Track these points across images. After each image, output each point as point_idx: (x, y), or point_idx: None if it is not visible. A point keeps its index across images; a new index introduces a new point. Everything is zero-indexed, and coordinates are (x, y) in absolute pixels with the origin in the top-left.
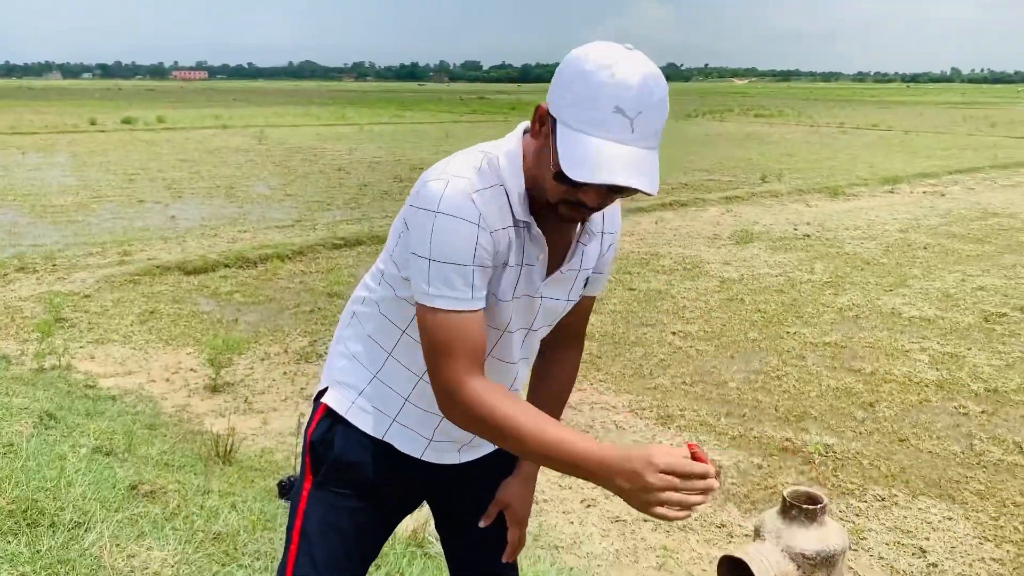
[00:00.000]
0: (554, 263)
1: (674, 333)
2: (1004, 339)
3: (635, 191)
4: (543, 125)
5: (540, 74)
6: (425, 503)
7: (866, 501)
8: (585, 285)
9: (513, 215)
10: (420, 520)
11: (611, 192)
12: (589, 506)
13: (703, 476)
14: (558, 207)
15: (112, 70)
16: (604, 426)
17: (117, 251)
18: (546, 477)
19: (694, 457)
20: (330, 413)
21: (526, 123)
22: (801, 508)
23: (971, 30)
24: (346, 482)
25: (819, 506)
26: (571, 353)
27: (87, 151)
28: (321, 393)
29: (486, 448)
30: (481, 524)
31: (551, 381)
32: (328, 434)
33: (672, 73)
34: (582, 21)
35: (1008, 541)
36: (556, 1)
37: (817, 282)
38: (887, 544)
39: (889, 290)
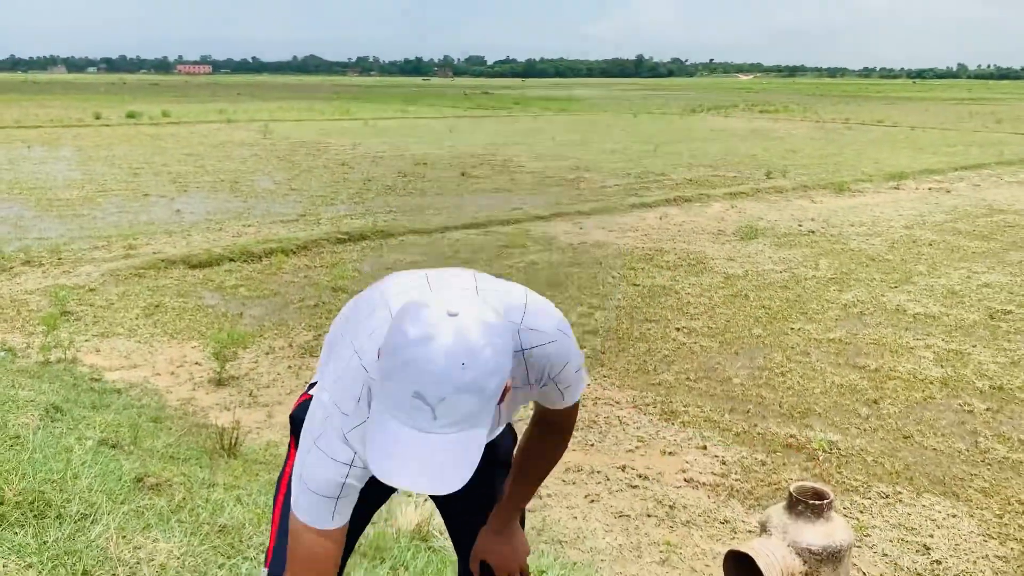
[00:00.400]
0: None
1: (678, 329)
2: (1009, 336)
3: None
4: None
5: (544, 69)
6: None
7: (870, 498)
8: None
9: None
10: (424, 514)
11: None
12: (593, 501)
13: None
14: None
15: (117, 64)
16: (608, 421)
17: (122, 245)
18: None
19: None
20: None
21: None
22: (808, 504)
23: (978, 26)
24: None
25: (826, 502)
26: (553, 437)
27: (92, 145)
28: (311, 385)
29: None
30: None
31: (532, 446)
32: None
33: (677, 68)
34: (587, 15)
35: (1012, 539)
36: None
37: (822, 278)
38: (891, 541)
39: (894, 287)
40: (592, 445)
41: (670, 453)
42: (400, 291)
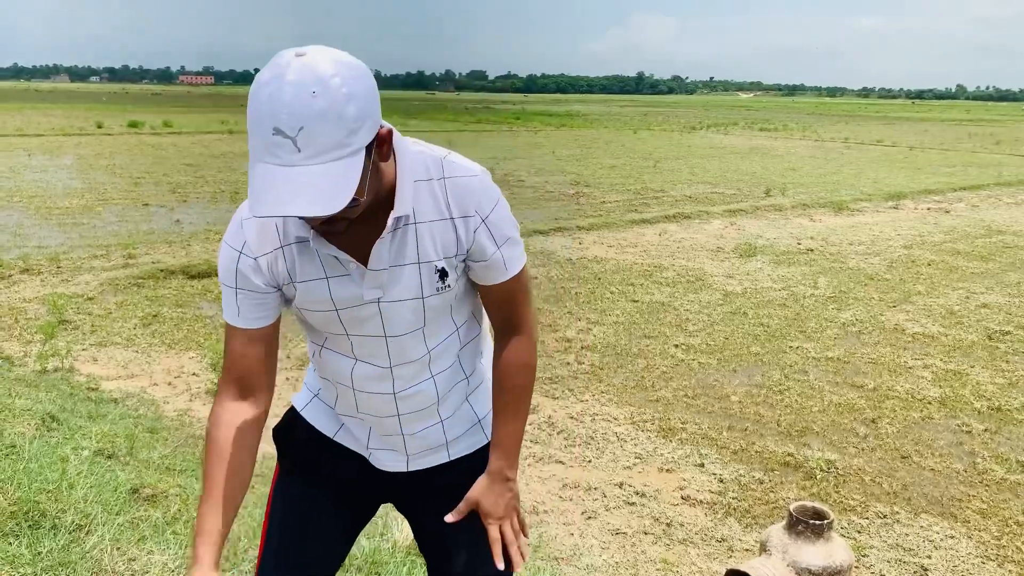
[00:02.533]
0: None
1: (676, 346)
2: (1007, 357)
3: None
4: None
5: (545, 84)
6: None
7: (868, 518)
8: (460, 272)
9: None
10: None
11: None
12: (590, 518)
13: None
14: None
15: (119, 74)
16: (605, 437)
17: (121, 254)
18: (546, 488)
19: None
20: (293, 409)
21: None
22: (808, 524)
23: (977, 48)
24: (308, 477)
25: (826, 522)
26: (507, 342)
27: (93, 154)
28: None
29: (438, 458)
30: (448, 519)
31: (495, 371)
32: (288, 427)
33: (677, 85)
34: (587, 32)
35: (1010, 561)
36: (561, 12)
37: (820, 297)
38: (888, 562)
39: (893, 306)
40: (589, 461)
41: (668, 470)
42: None
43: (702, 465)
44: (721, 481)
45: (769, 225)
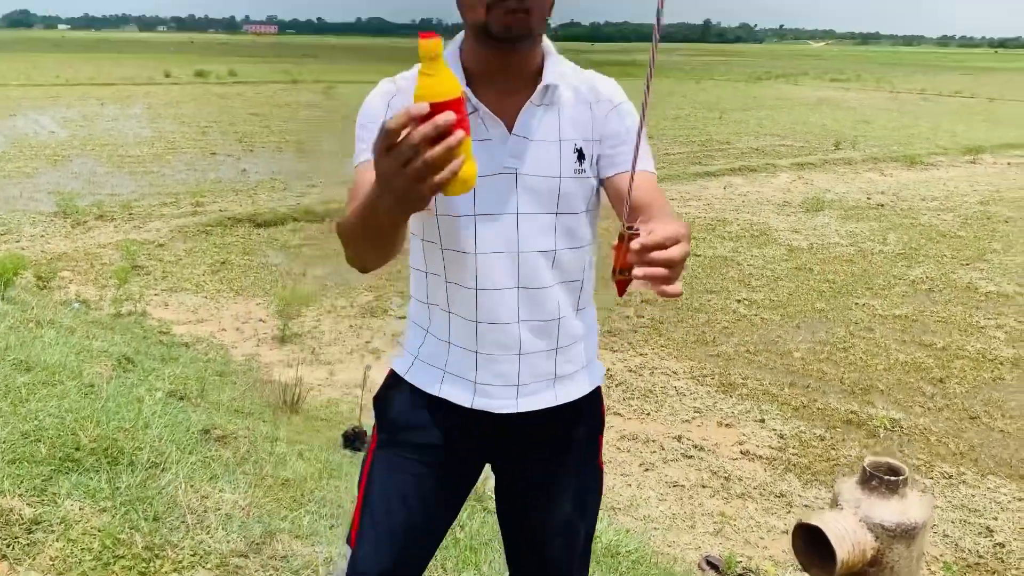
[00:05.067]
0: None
1: (739, 301)
2: None
3: None
4: None
5: (610, 34)
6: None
7: (932, 478)
8: (595, 162)
9: None
10: (482, 476)
11: None
12: (647, 470)
13: (439, 124)
14: (491, 25)
15: (186, 23)
16: (664, 391)
17: (190, 202)
18: (604, 439)
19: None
20: (393, 375)
21: None
22: (882, 479)
23: None
24: (408, 445)
25: (901, 478)
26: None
27: (162, 103)
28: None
29: (545, 400)
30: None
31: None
32: (388, 394)
33: (745, 34)
34: None
35: None
36: None
37: (889, 253)
38: (952, 522)
39: (966, 264)
40: (648, 414)
41: (727, 425)
42: None
43: (762, 421)
44: (781, 437)
45: (838, 179)
